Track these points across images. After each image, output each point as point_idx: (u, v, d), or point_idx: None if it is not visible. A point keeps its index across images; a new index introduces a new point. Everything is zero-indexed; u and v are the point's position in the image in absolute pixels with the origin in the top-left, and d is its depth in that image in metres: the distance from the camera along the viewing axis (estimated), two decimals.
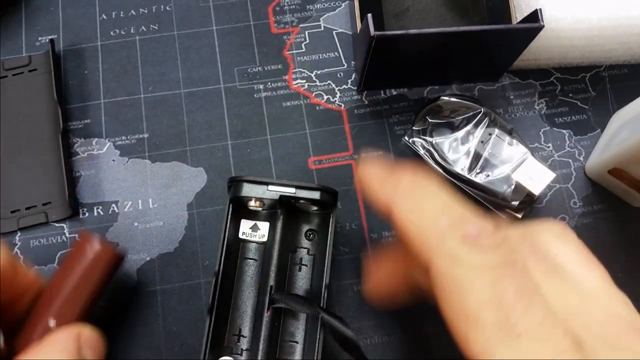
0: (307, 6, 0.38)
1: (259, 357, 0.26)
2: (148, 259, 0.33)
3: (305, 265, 0.30)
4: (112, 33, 0.37)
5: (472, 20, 0.36)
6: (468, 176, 0.33)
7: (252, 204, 0.29)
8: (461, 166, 0.33)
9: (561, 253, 0.20)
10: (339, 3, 0.39)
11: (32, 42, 0.37)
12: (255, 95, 0.36)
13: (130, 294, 0.32)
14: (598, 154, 0.35)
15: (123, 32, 0.37)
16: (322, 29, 0.38)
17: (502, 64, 0.35)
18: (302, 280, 0.30)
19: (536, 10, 0.29)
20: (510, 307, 0.16)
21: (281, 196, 0.28)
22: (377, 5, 0.36)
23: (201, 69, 0.37)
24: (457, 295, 0.17)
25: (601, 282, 0.19)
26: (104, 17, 0.38)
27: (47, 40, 0.36)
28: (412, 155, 0.35)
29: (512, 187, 0.32)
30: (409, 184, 0.20)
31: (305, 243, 0.31)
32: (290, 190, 0.28)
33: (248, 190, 0.28)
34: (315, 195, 0.28)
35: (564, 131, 0.36)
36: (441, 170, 0.33)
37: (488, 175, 0.33)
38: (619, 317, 0.18)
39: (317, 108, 0.36)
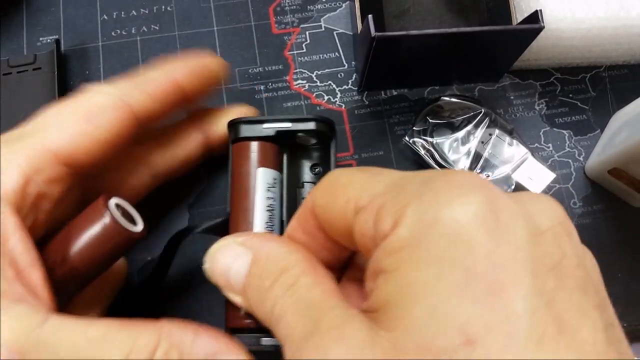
0: (308, 7, 0.38)
1: None
2: (149, 258, 0.33)
3: None
4: (113, 33, 0.37)
5: (472, 21, 0.36)
6: None
7: None
8: (462, 166, 0.33)
9: None
10: (339, 4, 0.39)
11: (34, 42, 0.37)
12: (256, 96, 0.36)
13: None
14: (598, 154, 0.35)
15: (124, 33, 0.37)
16: (323, 29, 0.38)
17: (503, 65, 0.35)
18: None
19: (536, 11, 0.29)
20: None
21: (278, 132, 0.28)
22: (378, 6, 0.36)
23: None
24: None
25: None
26: (105, 17, 0.38)
27: (49, 40, 0.36)
28: (413, 156, 0.35)
29: (513, 187, 0.33)
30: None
31: (311, 177, 0.31)
32: (286, 125, 0.28)
33: (246, 130, 0.28)
34: (311, 125, 0.28)
35: (564, 131, 0.37)
36: None
37: (488, 176, 0.33)
38: None
39: (318, 108, 0.36)
